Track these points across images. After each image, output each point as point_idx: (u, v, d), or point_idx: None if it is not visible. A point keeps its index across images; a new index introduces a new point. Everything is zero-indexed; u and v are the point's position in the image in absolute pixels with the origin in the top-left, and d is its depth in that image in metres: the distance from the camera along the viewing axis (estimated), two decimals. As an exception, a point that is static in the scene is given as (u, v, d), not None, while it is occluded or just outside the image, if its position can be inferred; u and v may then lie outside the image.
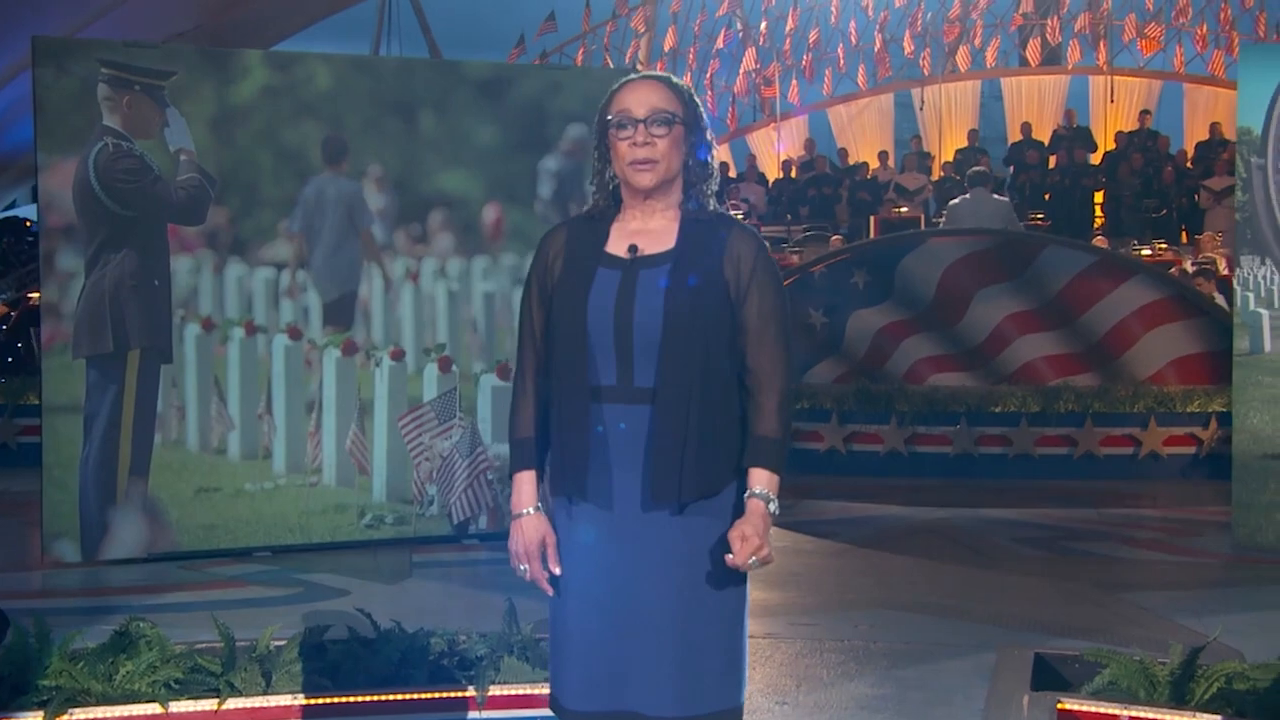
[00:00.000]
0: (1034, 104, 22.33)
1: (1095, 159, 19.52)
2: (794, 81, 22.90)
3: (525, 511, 3.24)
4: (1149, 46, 22.28)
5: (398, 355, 8.44)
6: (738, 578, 3.17)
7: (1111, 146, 19.78)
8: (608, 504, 3.14)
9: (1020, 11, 22.30)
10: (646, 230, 3.21)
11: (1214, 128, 20.54)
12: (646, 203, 3.21)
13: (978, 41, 22.51)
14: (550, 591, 3.23)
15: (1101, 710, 5.03)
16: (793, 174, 20.30)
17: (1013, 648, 5.84)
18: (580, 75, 10.80)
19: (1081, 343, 11.20)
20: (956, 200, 13.15)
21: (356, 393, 8.37)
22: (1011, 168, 19.60)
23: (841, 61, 22.93)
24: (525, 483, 3.26)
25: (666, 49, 22.32)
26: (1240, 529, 8.07)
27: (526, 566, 3.22)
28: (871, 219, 17.95)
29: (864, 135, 22.73)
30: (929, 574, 7.76)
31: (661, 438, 3.09)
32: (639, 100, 3.18)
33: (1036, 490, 10.31)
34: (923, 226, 17.43)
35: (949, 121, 22.04)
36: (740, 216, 17.34)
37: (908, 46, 22.62)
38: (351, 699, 5.27)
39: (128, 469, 7.93)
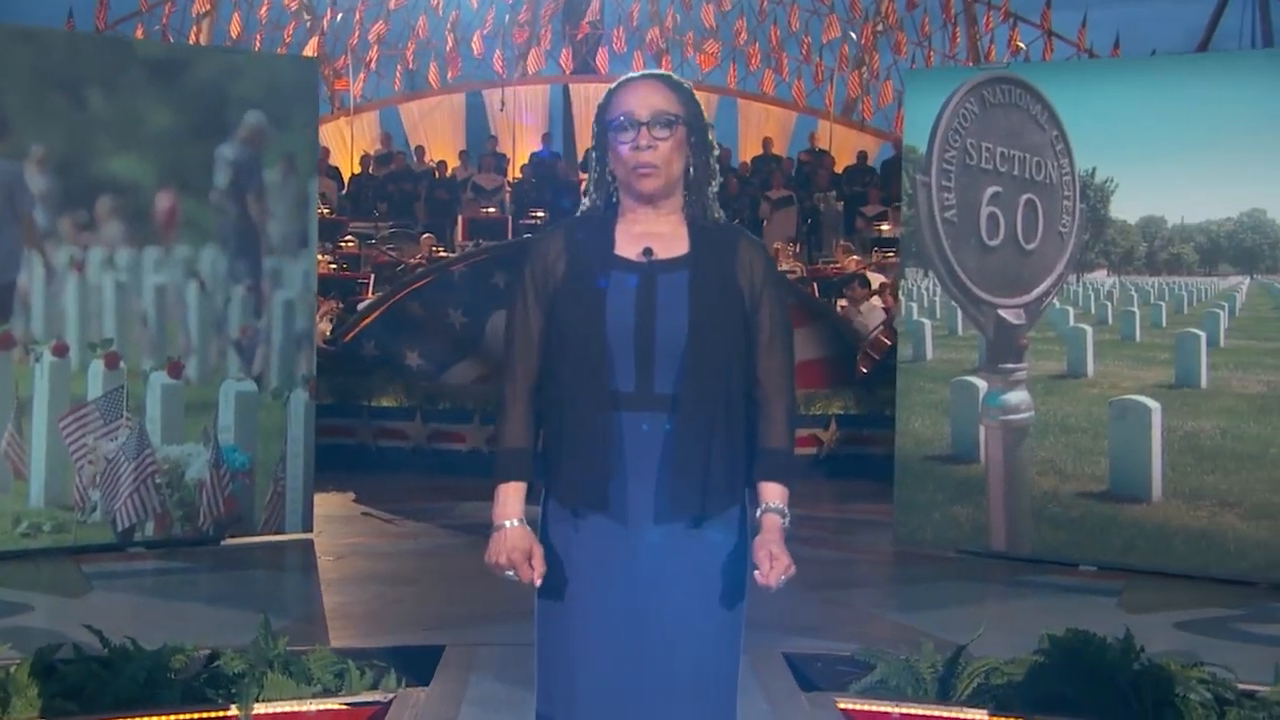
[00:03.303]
0: (603, 111, 22.85)
1: (662, 167, 20.14)
2: (363, 75, 22.60)
3: (510, 522, 3.10)
4: (707, 62, 23.25)
5: (60, 350, 7.87)
6: (742, 592, 3.14)
7: (677, 156, 20.46)
8: (621, 516, 3.05)
9: (588, 20, 22.79)
10: (654, 233, 3.12)
11: (766, 143, 21.71)
12: (649, 205, 3.13)
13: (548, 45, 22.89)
14: (538, 584, 3.09)
15: (875, 709, 5.26)
16: (370, 169, 20.03)
17: (761, 648, 5.98)
18: (261, 61, 10.34)
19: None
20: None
21: (14, 390, 7.76)
22: (588, 173, 19.98)
23: (411, 59, 22.79)
24: (514, 493, 3.12)
25: (234, 35, 21.53)
26: (901, 527, 8.56)
27: (513, 573, 3.08)
28: (460, 218, 17.98)
29: (435, 133, 22.68)
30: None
31: (684, 446, 3.02)
32: (641, 101, 3.10)
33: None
34: (509, 228, 17.62)
35: (522, 124, 22.29)
36: (325, 212, 17.08)
37: (477, 47, 22.71)
38: (102, 722, 4.92)
39: None
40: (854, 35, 22.74)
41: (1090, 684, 5.13)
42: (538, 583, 3.08)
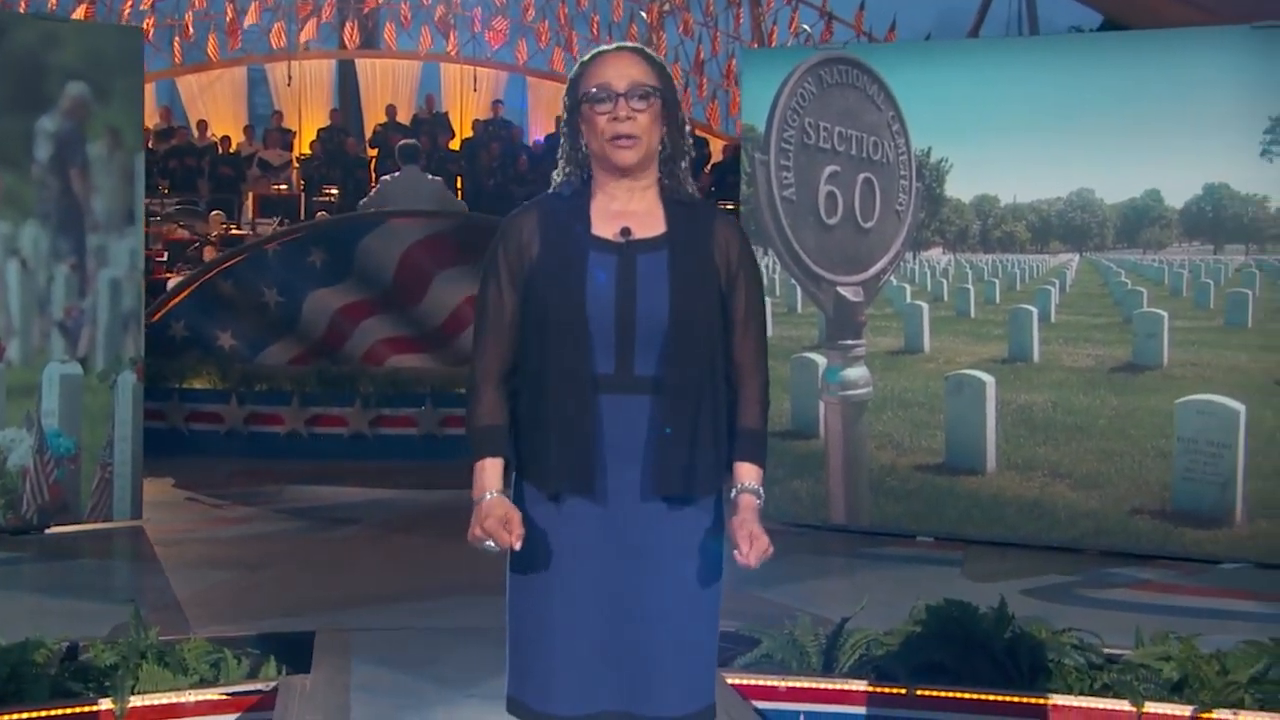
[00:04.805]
0: (389, 87, 22.54)
1: (454, 145, 20.00)
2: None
3: (488, 495, 3.04)
4: (496, 39, 23.07)
5: None
6: (719, 571, 3.12)
7: (469, 134, 20.35)
8: (602, 499, 3.01)
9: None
10: (630, 211, 3.08)
11: (559, 120, 21.57)
12: (624, 181, 3.08)
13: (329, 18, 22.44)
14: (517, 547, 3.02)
15: (762, 683, 5.30)
16: (150, 144, 19.35)
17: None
18: (82, 30, 9.88)
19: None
20: (389, 177, 13.09)
21: None
22: (377, 150, 19.68)
23: (190, 30, 22.05)
24: (490, 468, 3.08)
25: (23, 8, 20.51)
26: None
27: (493, 543, 3.01)
28: (250, 195, 17.54)
29: (217, 107, 22.02)
30: (473, 556, 7.75)
31: (669, 427, 2.99)
32: (618, 73, 3.06)
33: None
34: (301, 206, 17.26)
35: (307, 98, 21.82)
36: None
37: (251, 18, 22.05)
38: (-33, 722, 4.69)
39: None
40: (642, 14, 22.80)
41: (966, 652, 5.25)
42: (516, 546, 3.02)
